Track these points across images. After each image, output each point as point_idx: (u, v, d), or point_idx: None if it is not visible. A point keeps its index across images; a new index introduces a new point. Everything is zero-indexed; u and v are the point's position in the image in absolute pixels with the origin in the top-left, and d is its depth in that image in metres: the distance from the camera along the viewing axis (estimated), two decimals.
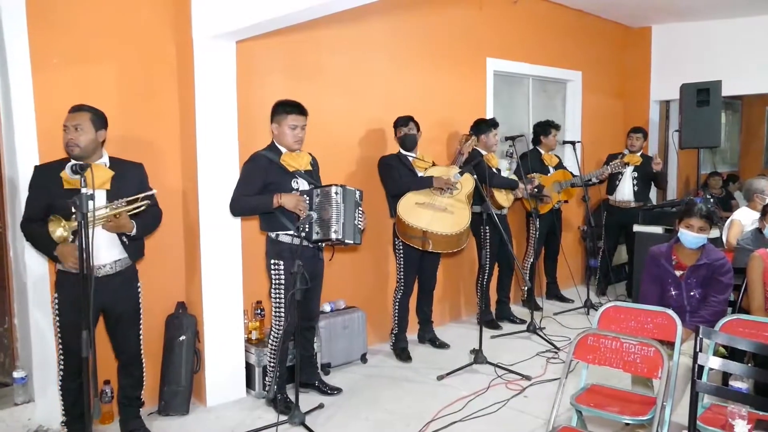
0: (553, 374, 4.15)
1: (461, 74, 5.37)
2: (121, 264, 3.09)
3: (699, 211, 3.29)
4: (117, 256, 3.07)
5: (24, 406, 3.28)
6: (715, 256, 3.32)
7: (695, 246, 3.31)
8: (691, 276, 3.32)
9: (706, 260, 3.30)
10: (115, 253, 3.06)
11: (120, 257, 3.08)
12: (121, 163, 3.12)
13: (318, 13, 3.04)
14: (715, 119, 5.89)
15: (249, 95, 3.90)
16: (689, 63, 6.82)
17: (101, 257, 2.98)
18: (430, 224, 4.14)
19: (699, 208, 3.31)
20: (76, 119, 2.92)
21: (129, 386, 3.29)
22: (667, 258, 3.39)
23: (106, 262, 3.02)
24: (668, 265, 3.38)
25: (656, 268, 3.43)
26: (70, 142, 2.91)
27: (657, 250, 3.47)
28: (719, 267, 3.29)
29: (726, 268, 3.30)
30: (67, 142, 2.91)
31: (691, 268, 3.32)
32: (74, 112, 2.95)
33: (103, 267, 3.01)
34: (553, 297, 6.15)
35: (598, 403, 2.74)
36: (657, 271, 3.42)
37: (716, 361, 2.62)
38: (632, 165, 6.05)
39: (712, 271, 3.29)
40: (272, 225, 3.53)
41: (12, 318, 3.42)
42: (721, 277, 3.28)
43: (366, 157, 4.65)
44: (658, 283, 3.42)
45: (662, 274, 3.40)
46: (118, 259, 3.07)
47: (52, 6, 3.23)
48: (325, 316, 4.25)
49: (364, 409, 3.71)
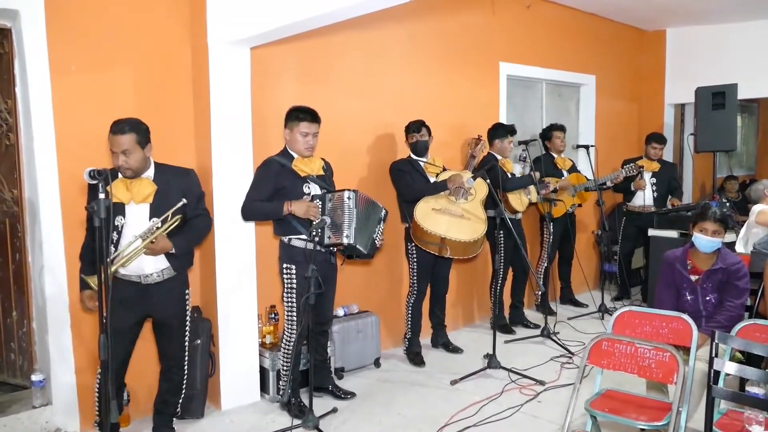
0: (567, 379, 4.13)
1: (474, 79, 5.38)
2: (169, 271, 3.06)
3: (713, 215, 3.26)
4: (164, 266, 3.04)
5: (42, 408, 3.32)
6: (731, 261, 3.28)
7: (710, 250, 3.28)
8: (707, 281, 3.29)
9: (722, 264, 3.26)
10: (162, 264, 3.03)
11: (167, 266, 3.05)
12: (168, 170, 3.07)
13: (330, 19, 3.07)
14: (731, 123, 5.84)
15: (263, 100, 3.94)
16: (704, 66, 6.76)
17: (146, 268, 2.98)
18: (448, 231, 4.15)
19: (713, 212, 3.27)
20: (123, 144, 2.83)
21: (167, 391, 3.29)
22: (682, 262, 3.36)
23: (152, 272, 3.01)
24: (683, 270, 3.34)
25: (671, 273, 3.39)
26: (122, 166, 2.87)
27: (672, 254, 3.44)
28: (735, 271, 3.24)
29: (742, 272, 3.26)
30: (119, 167, 2.88)
31: (707, 273, 3.29)
32: (119, 135, 2.84)
33: (151, 275, 3.01)
34: (567, 301, 6.12)
35: (613, 408, 2.72)
36: (672, 275, 3.39)
37: (732, 366, 2.60)
38: (650, 171, 6.01)
39: (728, 276, 3.25)
40: (285, 230, 3.56)
41: (30, 322, 3.47)
42: (737, 282, 3.23)
43: (378, 162, 4.66)
44: (673, 288, 3.39)
45: (677, 278, 3.36)
46: (165, 267, 3.05)
47: (70, 13, 3.29)
48: (339, 321, 4.26)
49: (378, 413, 3.72)
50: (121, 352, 2.96)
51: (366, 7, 2.87)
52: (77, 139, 3.31)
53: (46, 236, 3.25)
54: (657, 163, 6.04)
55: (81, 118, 3.33)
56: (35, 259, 3.38)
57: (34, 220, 3.33)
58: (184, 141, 3.74)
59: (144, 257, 2.92)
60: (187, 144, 3.75)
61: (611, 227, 6.06)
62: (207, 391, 3.72)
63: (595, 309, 5.78)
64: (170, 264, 3.05)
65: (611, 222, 6.11)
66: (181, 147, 3.72)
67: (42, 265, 3.28)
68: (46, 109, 3.22)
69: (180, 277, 3.14)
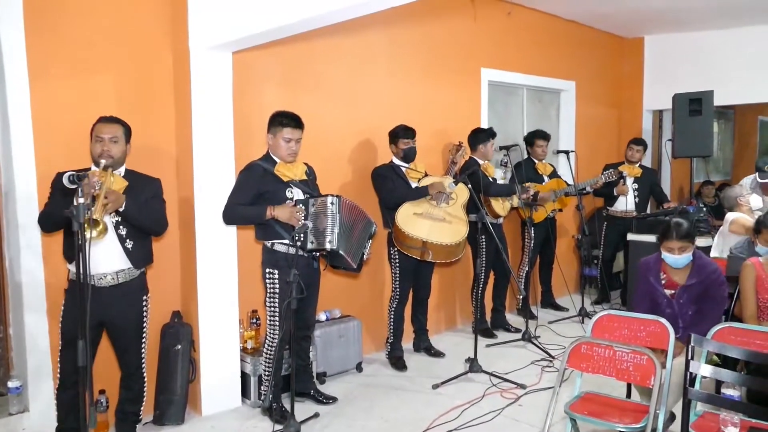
0: (548, 383, 4.16)
1: (456, 84, 5.41)
2: (124, 275, 3.03)
3: (677, 232, 3.14)
4: (119, 267, 3.01)
5: (19, 415, 3.28)
6: (706, 272, 3.20)
7: (681, 266, 3.23)
8: (683, 294, 3.23)
9: (697, 278, 3.19)
10: (117, 263, 3.00)
11: (123, 267, 3.02)
12: (138, 176, 3.12)
13: (313, 25, 3.07)
14: (708, 129, 5.95)
15: (245, 105, 3.93)
16: (682, 73, 6.88)
17: (101, 267, 2.92)
18: (429, 234, 4.16)
19: (676, 229, 3.15)
20: (114, 131, 2.95)
21: (127, 400, 3.26)
22: (656, 276, 3.30)
23: (106, 272, 2.97)
24: (657, 284, 3.29)
25: (646, 285, 3.34)
26: (104, 153, 2.90)
27: (645, 264, 3.38)
28: (712, 282, 3.19)
29: (719, 281, 3.21)
30: (101, 153, 2.91)
31: (682, 288, 3.23)
32: (109, 123, 2.97)
33: (104, 277, 2.97)
34: (548, 305, 6.17)
35: (592, 411, 2.76)
36: (647, 287, 3.33)
37: (708, 369, 2.64)
38: (632, 176, 6.09)
39: (705, 288, 3.19)
40: (267, 234, 3.55)
41: (7, 328, 3.42)
42: (714, 293, 3.18)
43: (361, 167, 4.67)
44: (649, 299, 3.33)
45: (652, 292, 3.31)
46: (120, 269, 3.02)
47: (49, 16, 3.26)
48: (321, 325, 4.25)
49: (360, 418, 3.71)
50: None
51: (348, 13, 2.88)
52: (56, 142, 3.27)
53: (23, 243, 3.21)
54: (639, 168, 6.12)
55: (61, 121, 3.30)
56: (12, 265, 3.33)
57: (9, 226, 3.28)
58: (165, 145, 3.72)
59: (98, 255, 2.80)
60: (168, 148, 3.73)
61: (591, 232, 6.13)
62: (187, 397, 3.69)
63: (575, 313, 5.83)
64: (130, 260, 3.01)
65: (591, 227, 6.17)
66: (162, 151, 3.69)
67: (19, 271, 3.23)
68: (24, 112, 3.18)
69: (136, 281, 3.10)
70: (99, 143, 2.94)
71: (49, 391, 3.28)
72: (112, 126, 2.97)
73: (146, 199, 3.07)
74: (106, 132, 2.94)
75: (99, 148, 2.93)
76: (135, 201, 2.98)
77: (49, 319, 3.28)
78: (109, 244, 2.96)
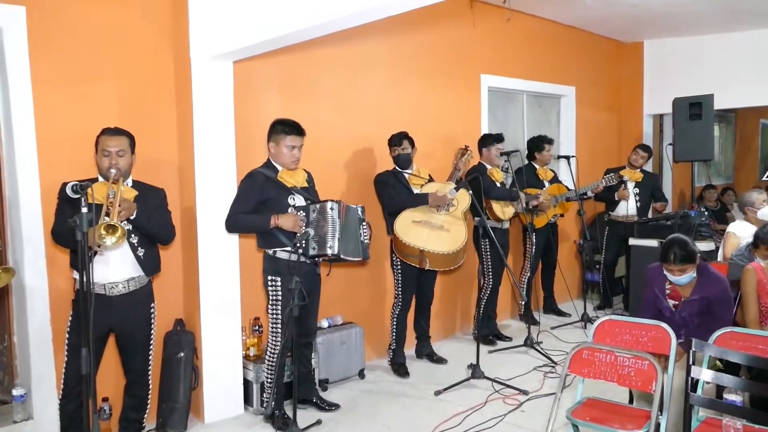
0: (551, 389, 4.16)
1: (456, 91, 5.43)
2: (135, 283, 3.07)
3: (674, 258, 3.15)
4: (130, 274, 3.05)
5: (23, 423, 3.28)
6: (710, 290, 3.20)
7: (683, 284, 3.25)
8: (686, 309, 3.26)
9: (701, 294, 3.21)
10: (128, 271, 3.04)
11: (134, 275, 3.06)
12: (144, 186, 3.16)
13: (312, 34, 3.09)
14: (708, 132, 5.95)
15: (246, 113, 3.95)
16: (681, 77, 6.89)
17: (112, 275, 2.98)
18: (427, 243, 4.16)
19: (673, 256, 3.15)
20: (120, 144, 2.97)
21: (130, 407, 3.27)
22: (660, 286, 3.34)
23: (118, 281, 3.01)
24: (661, 295, 3.32)
25: (652, 293, 3.38)
26: (112, 166, 2.93)
27: (652, 273, 3.41)
28: (717, 300, 3.20)
29: (724, 300, 3.22)
30: (109, 166, 2.93)
31: (685, 302, 3.26)
32: (114, 136, 2.99)
33: (116, 286, 3.01)
34: (550, 311, 6.16)
35: (594, 417, 2.75)
36: (652, 296, 3.38)
37: (709, 374, 2.64)
38: (633, 181, 6.10)
39: (709, 303, 3.21)
40: (269, 242, 3.56)
41: (11, 336, 3.43)
42: (719, 311, 3.19)
43: (362, 174, 4.69)
44: (654, 307, 3.37)
45: (657, 302, 3.35)
46: (131, 277, 3.06)
47: (52, 27, 3.28)
48: (323, 332, 4.26)
49: (362, 424, 3.72)
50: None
51: (347, 22, 2.90)
52: (59, 152, 3.30)
53: (27, 252, 3.23)
54: (640, 172, 6.13)
55: (64, 130, 3.32)
56: (17, 274, 3.34)
57: (14, 236, 3.30)
58: (168, 154, 3.74)
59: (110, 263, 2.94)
60: (170, 157, 3.75)
61: (593, 236, 6.13)
62: (190, 404, 3.70)
63: (578, 318, 5.83)
64: (141, 267, 3.05)
65: (593, 231, 6.18)
66: (165, 160, 3.71)
67: (23, 280, 3.25)
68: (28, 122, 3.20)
69: (145, 289, 3.15)
70: (106, 157, 2.96)
71: (53, 399, 3.28)
72: (118, 139, 2.99)
73: (153, 208, 3.11)
74: (113, 145, 2.96)
75: (107, 162, 2.96)
76: (144, 210, 3.01)
77: (53, 327, 3.29)
78: (122, 252, 3.01)
